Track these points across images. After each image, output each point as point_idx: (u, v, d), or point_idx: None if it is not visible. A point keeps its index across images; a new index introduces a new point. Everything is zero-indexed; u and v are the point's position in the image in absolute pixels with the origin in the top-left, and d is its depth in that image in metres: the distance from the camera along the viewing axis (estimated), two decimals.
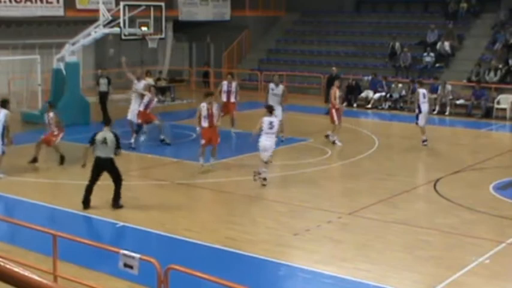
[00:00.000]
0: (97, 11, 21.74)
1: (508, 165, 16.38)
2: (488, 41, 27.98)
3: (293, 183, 14.58)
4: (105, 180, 14.51)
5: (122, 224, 11.41)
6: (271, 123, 13.93)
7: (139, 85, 18.43)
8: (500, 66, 25.78)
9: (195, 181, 14.53)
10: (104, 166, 12.14)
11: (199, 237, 10.62)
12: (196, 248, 10.24)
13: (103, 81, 22.06)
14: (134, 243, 10.48)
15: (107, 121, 12.68)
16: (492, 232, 11.21)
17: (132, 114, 18.28)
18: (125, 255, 7.37)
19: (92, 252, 9.13)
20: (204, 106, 15.22)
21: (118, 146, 12.16)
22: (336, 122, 18.40)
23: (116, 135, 12.22)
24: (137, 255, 7.28)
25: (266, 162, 13.98)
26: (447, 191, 13.56)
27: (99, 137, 12.06)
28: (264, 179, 13.91)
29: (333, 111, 18.49)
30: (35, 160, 15.44)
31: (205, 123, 15.16)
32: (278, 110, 17.07)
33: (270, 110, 14.30)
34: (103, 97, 21.96)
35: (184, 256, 9.90)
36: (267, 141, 13.88)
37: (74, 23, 25.90)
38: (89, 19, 23.17)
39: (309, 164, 16.05)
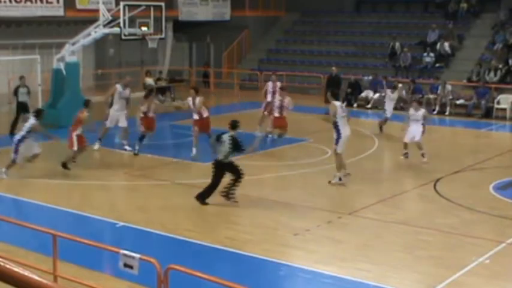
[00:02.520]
0: (97, 11, 21.75)
1: (508, 165, 16.38)
2: (488, 41, 27.99)
3: (293, 183, 14.59)
4: (105, 181, 14.52)
5: (122, 224, 11.41)
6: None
7: (126, 92, 18.01)
8: (500, 66, 25.78)
9: (195, 181, 14.53)
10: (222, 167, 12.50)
11: (199, 237, 10.62)
12: (196, 248, 10.24)
13: (23, 91, 19.97)
14: (134, 243, 10.48)
15: (233, 125, 12.56)
16: (492, 232, 11.21)
17: (122, 121, 17.72)
18: (125, 255, 7.37)
19: (92, 252, 9.13)
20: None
21: (234, 149, 12.26)
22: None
23: (232, 139, 12.27)
24: (137, 255, 7.28)
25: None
26: (447, 191, 13.56)
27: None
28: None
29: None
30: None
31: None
32: None
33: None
34: (23, 108, 19.78)
35: (184, 256, 9.90)
36: None
37: (74, 23, 25.91)
38: (89, 19, 23.17)
39: (309, 164, 16.05)
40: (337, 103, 14.15)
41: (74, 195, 13.52)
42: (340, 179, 13.97)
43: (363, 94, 26.81)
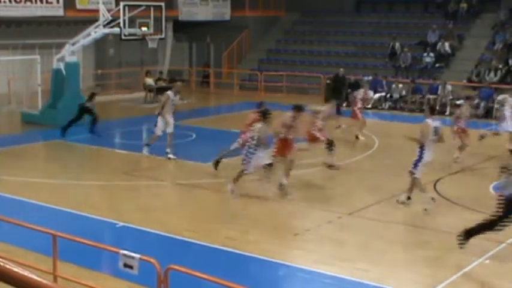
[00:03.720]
0: (97, 11, 21.75)
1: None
2: (488, 41, 27.99)
3: (293, 183, 14.55)
4: (105, 181, 14.52)
5: (122, 224, 11.40)
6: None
7: (176, 99, 17.01)
8: (500, 66, 25.78)
9: (195, 181, 14.53)
10: None
11: (199, 237, 10.62)
12: (196, 248, 10.24)
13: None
14: (134, 243, 10.48)
15: None
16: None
17: (170, 127, 16.57)
18: (124, 255, 7.37)
19: (92, 252, 9.13)
20: None
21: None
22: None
23: None
24: (137, 255, 7.28)
25: None
26: (447, 191, 13.55)
27: None
28: None
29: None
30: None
31: None
32: None
33: None
34: (88, 111, 20.00)
35: (184, 256, 9.90)
36: None
37: (74, 23, 25.91)
38: (89, 19, 23.17)
39: (309, 164, 16.02)
40: (434, 123, 12.25)
41: (74, 195, 13.51)
42: (409, 198, 12.36)
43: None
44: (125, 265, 7.38)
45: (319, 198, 13.25)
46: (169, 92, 16.94)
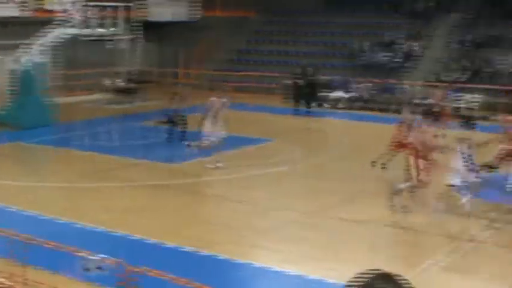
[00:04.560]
0: (58, 11, 21.39)
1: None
2: (455, 40, 28.30)
3: (258, 183, 14.55)
4: (70, 182, 14.35)
5: (88, 226, 11.26)
6: None
7: (227, 102, 16.44)
8: (468, 65, 26.08)
9: (165, 182, 14.45)
10: None
11: (166, 238, 10.55)
12: (163, 249, 10.17)
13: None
14: (100, 245, 10.35)
15: None
16: (460, 232, 11.31)
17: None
18: (89, 257, 7.31)
19: (57, 255, 9.00)
20: None
21: None
22: None
23: None
24: (101, 257, 7.22)
25: None
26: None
27: None
28: None
29: None
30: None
31: None
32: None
33: None
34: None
35: (150, 258, 9.80)
36: None
37: (34, 23, 25.48)
38: (52, 19, 22.77)
39: (274, 164, 16.01)
40: None
41: (38, 197, 13.32)
42: None
43: (334, 94, 26.87)
44: (89, 268, 7.31)
45: (284, 198, 13.24)
46: (223, 99, 16.20)
